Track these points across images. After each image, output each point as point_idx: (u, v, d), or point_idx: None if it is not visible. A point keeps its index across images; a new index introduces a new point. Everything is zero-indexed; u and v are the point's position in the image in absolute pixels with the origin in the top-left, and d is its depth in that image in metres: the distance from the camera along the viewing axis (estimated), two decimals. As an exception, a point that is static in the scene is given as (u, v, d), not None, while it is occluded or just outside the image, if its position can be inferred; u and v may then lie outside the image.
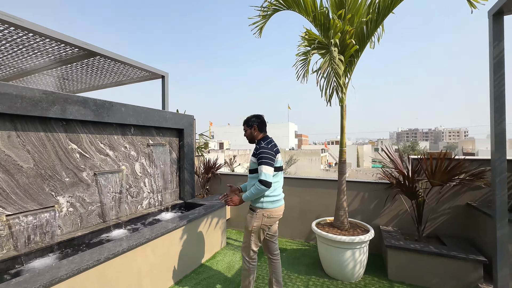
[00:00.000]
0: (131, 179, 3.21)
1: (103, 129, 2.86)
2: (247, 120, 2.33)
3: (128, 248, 2.19)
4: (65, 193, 2.49)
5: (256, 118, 2.31)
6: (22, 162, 2.17)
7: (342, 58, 2.23)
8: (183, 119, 3.90)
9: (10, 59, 3.42)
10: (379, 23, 2.61)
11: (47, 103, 2.22)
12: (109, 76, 4.29)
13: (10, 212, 2.09)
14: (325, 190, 3.74)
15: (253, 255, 2.23)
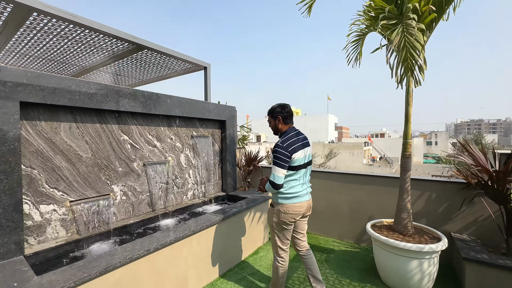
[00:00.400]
0: (176, 170, 3.26)
1: (151, 120, 2.91)
2: (272, 111, 2.16)
3: (176, 239, 2.18)
4: (118, 182, 2.60)
5: (281, 109, 2.12)
6: (82, 152, 2.30)
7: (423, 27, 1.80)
8: (225, 110, 3.83)
9: (72, 57, 3.73)
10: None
11: (101, 96, 2.30)
12: (155, 70, 4.43)
13: (72, 198, 2.24)
14: (380, 188, 3.31)
15: (281, 253, 2.13)
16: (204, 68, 4.11)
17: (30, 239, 2.00)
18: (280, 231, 2.09)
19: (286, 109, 2.12)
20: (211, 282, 2.59)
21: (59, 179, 2.15)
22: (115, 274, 1.74)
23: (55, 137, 2.13)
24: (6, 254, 1.77)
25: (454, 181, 2.86)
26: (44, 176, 2.07)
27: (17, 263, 1.73)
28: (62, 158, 2.17)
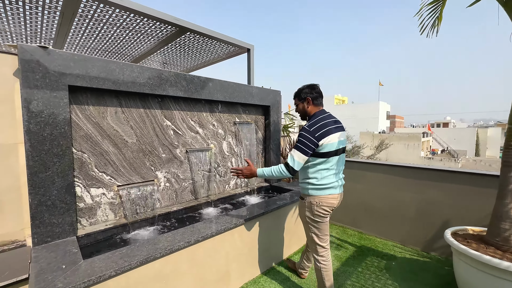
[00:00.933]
0: (219, 158, 3.12)
1: (193, 105, 2.79)
2: (299, 92, 1.96)
3: (217, 231, 2.03)
4: (162, 168, 2.56)
5: (310, 89, 1.92)
6: (127, 137, 2.29)
7: None
8: (269, 95, 3.53)
9: (122, 47, 3.85)
10: None
11: (144, 79, 2.23)
12: (198, 56, 4.35)
13: (119, 183, 2.26)
14: (463, 187, 2.64)
15: (321, 251, 1.94)
16: (247, 50, 3.85)
17: (82, 221, 2.07)
18: (316, 226, 1.91)
19: (316, 89, 1.92)
20: (254, 279, 2.41)
21: (107, 164, 2.18)
22: (155, 265, 1.66)
23: (102, 122, 2.14)
24: (61, 234, 1.84)
25: None
26: (93, 160, 2.10)
27: (70, 244, 1.77)
28: (109, 143, 2.18)
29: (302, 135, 1.77)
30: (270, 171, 1.85)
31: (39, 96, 1.71)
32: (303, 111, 1.95)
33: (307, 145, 1.73)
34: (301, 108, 1.95)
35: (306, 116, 1.95)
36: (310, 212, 1.89)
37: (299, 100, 1.95)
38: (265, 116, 3.67)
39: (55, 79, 1.77)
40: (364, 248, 3.03)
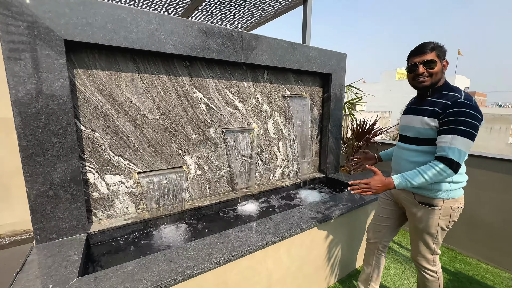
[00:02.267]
0: (263, 141, 2.48)
1: (232, 72, 2.15)
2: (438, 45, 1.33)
3: (257, 247, 1.45)
4: (192, 152, 2.05)
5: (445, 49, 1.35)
6: (148, 112, 1.80)
7: None
8: (331, 59, 2.64)
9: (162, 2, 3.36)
10: None
11: (165, 33, 1.64)
12: (246, 14, 3.59)
13: (140, 169, 1.83)
14: None
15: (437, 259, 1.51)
16: (303, 1, 2.94)
17: (98, 213, 1.73)
18: (442, 237, 1.45)
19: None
20: (304, 306, 1.82)
21: (124, 145, 1.74)
22: (170, 294, 1.17)
23: (116, 92, 1.67)
24: (68, 230, 1.50)
25: None
26: (107, 140, 1.68)
27: (75, 245, 1.42)
28: (125, 119, 1.72)
29: (471, 115, 1.19)
30: (418, 175, 1.27)
31: (26, 55, 1.27)
32: (439, 74, 1.33)
33: (477, 129, 1.20)
34: (437, 69, 1.32)
35: (432, 85, 1.35)
36: (446, 220, 1.39)
37: (438, 57, 1.31)
38: (323, 88, 2.83)
39: (46, 31, 1.30)
40: (462, 277, 2.13)
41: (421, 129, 1.36)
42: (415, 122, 1.39)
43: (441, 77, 1.35)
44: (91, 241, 1.58)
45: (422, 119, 1.35)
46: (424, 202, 1.40)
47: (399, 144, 1.53)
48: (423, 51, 1.32)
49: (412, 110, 1.46)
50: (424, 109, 1.36)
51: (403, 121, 1.52)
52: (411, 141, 1.43)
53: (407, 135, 1.46)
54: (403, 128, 1.50)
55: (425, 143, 1.36)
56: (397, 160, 1.51)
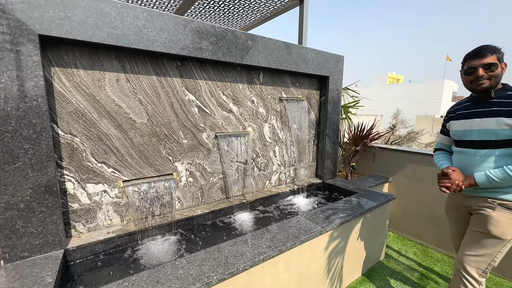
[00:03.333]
0: (258, 145, 2.37)
1: (225, 73, 2.03)
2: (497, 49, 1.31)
3: (253, 262, 1.33)
4: (183, 158, 1.92)
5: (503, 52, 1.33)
6: (135, 115, 1.66)
7: None
8: (329, 61, 2.56)
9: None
10: None
11: (153, 30, 1.52)
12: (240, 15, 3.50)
13: (126, 177, 1.69)
14: None
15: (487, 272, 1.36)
16: (300, 1, 2.86)
17: (78, 226, 1.57)
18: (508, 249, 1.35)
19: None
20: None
21: (108, 151, 1.60)
22: (154, 323, 1.04)
23: (99, 93, 1.52)
24: (42, 247, 1.34)
25: None
26: (88, 146, 1.53)
27: (49, 264, 1.26)
28: (110, 123, 1.58)
29: None
30: (506, 173, 1.24)
31: (-7, 51, 1.12)
32: (499, 77, 1.33)
33: None
34: (498, 71, 1.31)
35: (491, 87, 1.33)
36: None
37: (498, 60, 1.30)
38: (321, 91, 2.74)
39: (16, 24, 1.16)
40: None
41: (499, 131, 1.28)
42: (489, 124, 1.32)
43: (500, 80, 1.34)
44: (69, 258, 1.43)
45: (498, 120, 1.28)
46: (504, 205, 1.31)
47: (464, 151, 1.42)
48: (483, 54, 1.31)
49: (473, 113, 1.40)
50: (497, 110, 1.30)
51: (462, 125, 1.44)
52: (483, 145, 1.35)
53: (475, 139, 1.37)
54: (466, 133, 1.42)
55: (503, 145, 1.30)
56: (467, 167, 1.40)
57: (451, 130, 1.52)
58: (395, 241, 2.78)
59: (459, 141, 1.48)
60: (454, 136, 1.51)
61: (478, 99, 1.41)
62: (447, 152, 1.64)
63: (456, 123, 1.49)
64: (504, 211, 1.30)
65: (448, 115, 1.58)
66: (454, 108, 1.56)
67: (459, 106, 1.52)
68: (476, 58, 1.33)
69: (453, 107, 1.58)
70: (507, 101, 1.28)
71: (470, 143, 1.40)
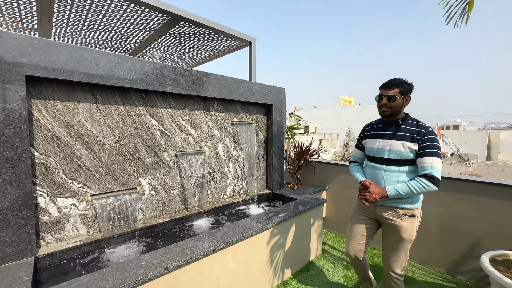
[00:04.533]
0: (214, 162, 2.78)
1: (184, 103, 2.46)
2: (403, 83, 1.61)
3: (205, 253, 1.69)
4: (146, 174, 2.23)
5: (412, 88, 1.64)
6: (104, 138, 1.97)
7: None
8: (272, 92, 3.17)
9: (110, 41, 3.55)
10: None
11: (123, 70, 1.90)
12: (196, 50, 4.02)
13: (94, 192, 1.94)
14: (501, 202, 2.24)
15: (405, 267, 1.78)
16: (248, 44, 3.50)
17: (47, 236, 1.76)
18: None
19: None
20: (250, 306, 2.06)
21: (78, 169, 1.86)
22: (124, 299, 1.32)
23: (72, 120, 1.82)
24: (15, 254, 1.52)
25: None
26: (61, 165, 1.78)
27: (23, 268, 1.45)
28: (81, 145, 1.86)
29: (437, 140, 1.55)
30: (408, 188, 1.53)
31: (-14, 88, 1.39)
32: (398, 107, 1.61)
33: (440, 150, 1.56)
34: (398, 103, 1.59)
35: (395, 115, 1.64)
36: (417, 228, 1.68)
37: (400, 93, 1.59)
38: (267, 116, 3.32)
39: (8, 67, 1.45)
40: (378, 268, 2.64)
41: (403, 152, 1.56)
42: (396, 146, 1.59)
43: (400, 110, 1.64)
44: (38, 264, 1.61)
45: (403, 143, 1.56)
46: (407, 214, 1.62)
47: (377, 166, 1.67)
48: (388, 86, 1.61)
49: (385, 135, 1.66)
50: (403, 134, 1.59)
51: (376, 144, 1.68)
52: (392, 163, 1.61)
53: (387, 157, 1.62)
54: (380, 151, 1.66)
55: (406, 164, 1.58)
56: (380, 181, 1.64)
57: (367, 146, 1.77)
58: (332, 239, 3.34)
59: (372, 157, 1.72)
60: (369, 153, 1.75)
61: (388, 123, 1.68)
62: (360, 165, 1.93)
63: (371, 141, 1.73)
64: (408, 218, 1.62)
65: (364, 133, 1.84)
66: (369, 127, 1.81)
67: (373, 126, 1.78)
68: (384, 88, 1.63)
69: (368, 127, 1.84)
70: (410, 129, 1.59)
71: (381, 160, 1.65)
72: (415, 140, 1.55)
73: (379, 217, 1.72)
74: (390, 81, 1.62)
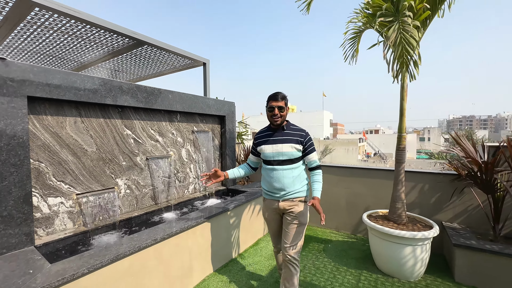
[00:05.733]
0: (178, 164, 3.32)
1: (153, 116, 2.96)
2: (285, 96, 1.92)
3: (181, 229, 2.26)
4: (122, 176, 2.65)
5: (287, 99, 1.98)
6: (87, 146, 2.35)
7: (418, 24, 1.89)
8: (224, 105, 3.89)
9: (71, 53, 3.72)
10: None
11: (105, 91, 2.34)
12: (154, 66, 4.45)
13: (79, 191, 2.29)
14: (376, 180, 3.44)
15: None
16: (203, 64, 4.15)
17: (39, 231, 2.05)
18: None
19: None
20: (214, 272, 2.68)
21: (65, 173, 2.20)
22: (124, 262, 1.82)
23: (61, 132, 2.17)
24: (17, 244, 1.82)
25: (445, 172, 2.99)
26: (51, 169, 2.11)
27: (29, 253, 1.79)
28: (68, 152, 2.22)
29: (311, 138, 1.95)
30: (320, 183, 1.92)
31: (-4, 107, 1.72)
32: (285, 116, 1.92)
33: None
34: (285, 112, 1.91)
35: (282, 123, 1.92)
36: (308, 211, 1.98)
37: (285, 104, 1.91)
38: (221, 125, 4.01)
39: (13, 90, 1.79)
40: (307, 237, 3.59)
41: (293, 152, 1.86)
42: (286, 148, 1.86)
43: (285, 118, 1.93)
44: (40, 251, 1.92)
45: (291, 145, 1.86)
46: (302, 200, 1.91)
47: (275, 168, 1.88)
48: (278, 98, 1.87)
49: (276, 140, 1.90)
50: (289, 138, 1.87)
51: (271, 149, 1.90)
52: (286, 162, 1.87)
53: (282, 159, 1.87)
54: (275, 155, 1.89)
55: (296, 161, 1.90)
56: (280, 179, 1.87)
57: (264, 152, 1.94)
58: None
59: (270, 161, 1.92)
60: (266, 158, 1.94)
61: (275, 130, 1.94)
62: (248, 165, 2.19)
63: (267, 147, 1.92)
64: (302, 204, 1.91)
65: (257, 140, 2.03)
66: (261, 135, 2.02)
67: (263, 134, 2.00)
68: (274, 100, 1.86)
69: (259, 134, 2.04)
70: (294, 133, 1.90)
71: (278, 162, 1.88)
72: (300, 142, 1.88)
73: (282, 210, 1.93)
74: (278, 93, 1.88)
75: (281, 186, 1.88)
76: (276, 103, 1.86)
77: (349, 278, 2.55)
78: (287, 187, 1.87)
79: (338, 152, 33.25)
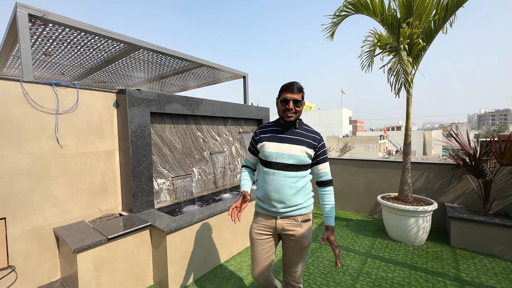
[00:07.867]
0: (229, 158, 4.30)
1: (214, 121, 3.95)
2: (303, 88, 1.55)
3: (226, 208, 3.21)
4: (196, 165, 3.67)
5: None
6: (176, 144, 3.38)
7: (411, 60, 2.67)
8: (262, 111, 4.82)
9: (121, 72, 4.83)
10: (447, 18, 2.90)
11: (188, 105, 3.35)
12: (203, 79, 5.48)
13: (173, 175, 3.33)
14: (390, 170, 4.19)
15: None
16: (243, 77, 5.11)
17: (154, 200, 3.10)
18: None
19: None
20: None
21: (166, 162, 3.24)
22: (212, 220, 2.80)
23: (163, 134, 3.21)
24: (146, 207, 2.87)
25: (447, 163, 3.70)
26: (158, 160, 3.15)
27: (155, 212, 2.82)
28: (167, 148, 3.25)
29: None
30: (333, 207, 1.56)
31: (136, 119, 2.76)
32: (300, 112, 1.55)
33: None
34: (301, 108, 1.54)
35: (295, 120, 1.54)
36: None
37: (302, 98, 1.54)
38: (259, 127, 4.94)
39: (144, 108, 2.83)
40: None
41: (302, 157, 1.47)
42: (295, 151, 1.47)
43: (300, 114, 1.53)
44: (156, 213, 2.96)
45: (302, 148, 1.47)
46: (305, 219, 1.53)
47: (277, 173, 1.49)
48: (294, 90, 1.46)
49: (282, 138, 1.53)
50: (301, 139, 1.50)
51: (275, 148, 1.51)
52: (291, 168, 1.48)
53: (287, 162, 1.48)
54: (278, 156, 1.50)
55: (303, 169, 1.50)
56: (279, 189, 1.48)
57: (265, 151, 1.54)
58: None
59: (270, 163, 1.52)
60: (267, 158, 1.54)
61: (285, 126, 1.54)
62: (252, 170, 1.81)
63: (270, 144, 1.53)
64: (306, 224, 1.53)
65: (259, 136, 1.63)
66: (264, 129, 1.63)
67: (269, 129, 1.62)
68: (290, 91, 1.46)
69: (263, 128, 1.65)
70: (307, 134, 1.52)
71: (281, 166, 1.48)
72: (312, 146, 1.51)
73: (280, 230, 1.55)
74: (294, 83, 1.50)
75: (280, 197, 1.49)
76: (292, 95, 1.49)
77: (366, 242, 3.37)
78: (288, 199, 1.49)
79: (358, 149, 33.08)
